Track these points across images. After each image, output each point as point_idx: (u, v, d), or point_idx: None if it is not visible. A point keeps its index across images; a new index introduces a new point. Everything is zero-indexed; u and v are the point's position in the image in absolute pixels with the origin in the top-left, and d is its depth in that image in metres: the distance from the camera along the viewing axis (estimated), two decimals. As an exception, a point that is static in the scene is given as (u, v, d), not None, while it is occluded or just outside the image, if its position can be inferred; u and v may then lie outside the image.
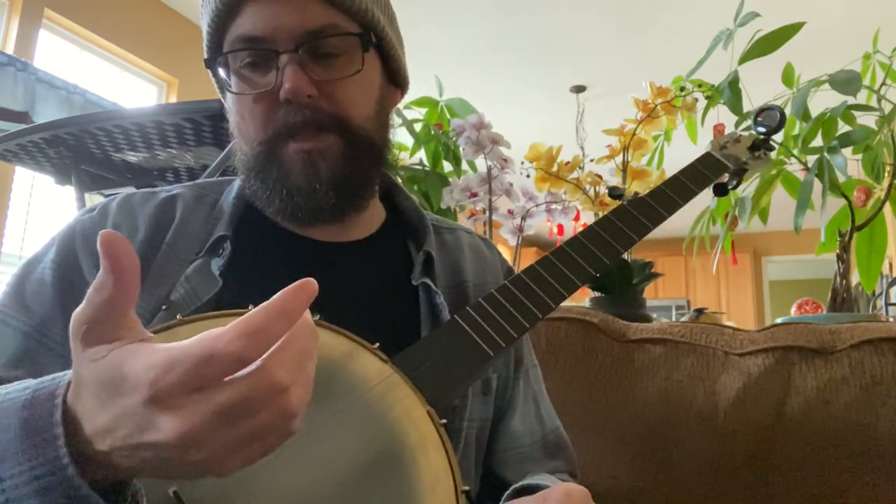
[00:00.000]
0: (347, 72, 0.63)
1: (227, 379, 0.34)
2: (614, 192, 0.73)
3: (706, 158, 0.80)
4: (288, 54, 0.61)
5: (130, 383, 0.34)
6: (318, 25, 0.62)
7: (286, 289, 0.35)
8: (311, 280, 0.36)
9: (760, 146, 0.84)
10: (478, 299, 0.60)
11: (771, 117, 0.84)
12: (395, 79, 0.72)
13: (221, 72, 0.65)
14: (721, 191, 0.83)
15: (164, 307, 0.60)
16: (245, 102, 0.64)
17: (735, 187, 0.84)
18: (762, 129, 0.84)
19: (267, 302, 0.34)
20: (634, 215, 0.69)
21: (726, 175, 0.82)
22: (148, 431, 0.34)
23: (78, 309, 0.37)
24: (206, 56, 0.67)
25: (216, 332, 0.33)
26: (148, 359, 0.34)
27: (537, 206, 1.52)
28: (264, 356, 0.34)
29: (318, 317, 0.49)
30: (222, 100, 0.70)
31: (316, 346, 0.37)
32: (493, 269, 0.77)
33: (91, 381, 0.36)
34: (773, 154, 0.87)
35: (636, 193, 0.71)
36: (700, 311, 1.70)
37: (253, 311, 0.34)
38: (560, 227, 1.67)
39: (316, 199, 0.63)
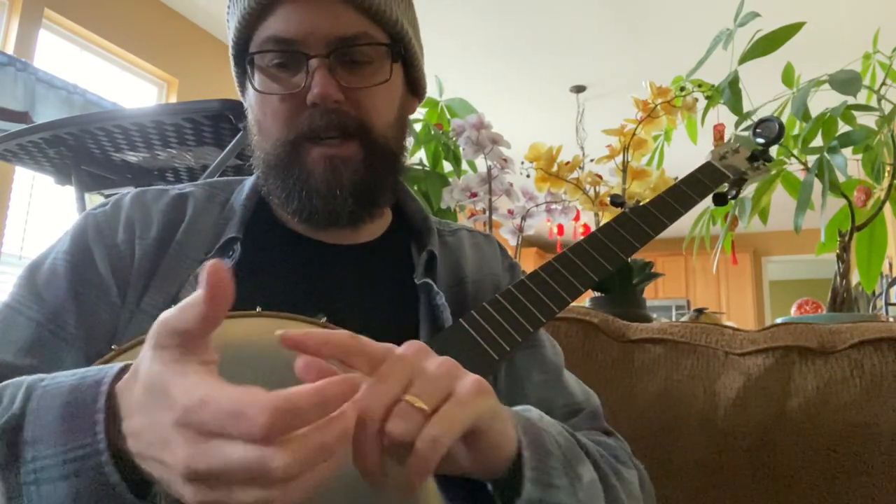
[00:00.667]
0: (375, 80, 0.64)
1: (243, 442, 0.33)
2: (616, 200, 0.74)
3: (706, 168, 0.81)
4: (319, 59, 0.61)
5: (170, 401, 0.35)
6: (351, 33, 0.62)
7: (334, 378, 0.35)
8: (357, 376, 0.36)
9: (759, 157, 0.84)
10: (482, 304, 0.60)
11: (769, 129, 0.85)
12: (415, 88, 0.73)
13: (247, 69, 0.66)
14: (721, 200, 0.84)
15: (173, 306, 0.61)
16: (270, 102, 0.64)
17: (735, 197, 0.85)
18: (761, 141, 0.85)
19: (314, 385, 0.34)
20: (636, 223, 0.70)
21: (726, 184, 0.83)
22: (166, 450, 0.35)
23: (166, 312, 0.38)
24: (232, 53, 0.67)
25: (255, 394, 0.33)
26: (193, 387, 0.35)
27: (537, 206, 1.52)
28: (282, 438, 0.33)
29: (323, 319, 0.49)
30: (241, 97, 0.71)
31: (339, 446, 0.35)
32: (491, 262, 0.77)
33: (144, 380, 0.37)
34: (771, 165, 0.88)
35: (637, 201, 0.72)
36: (700, 311, 1.70)
37: (298, 389, 0.33)
38: (560, 227, 1.67)
39: (335, 204, 0.64)
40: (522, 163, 1.52)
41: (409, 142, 1.58)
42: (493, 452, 0.44)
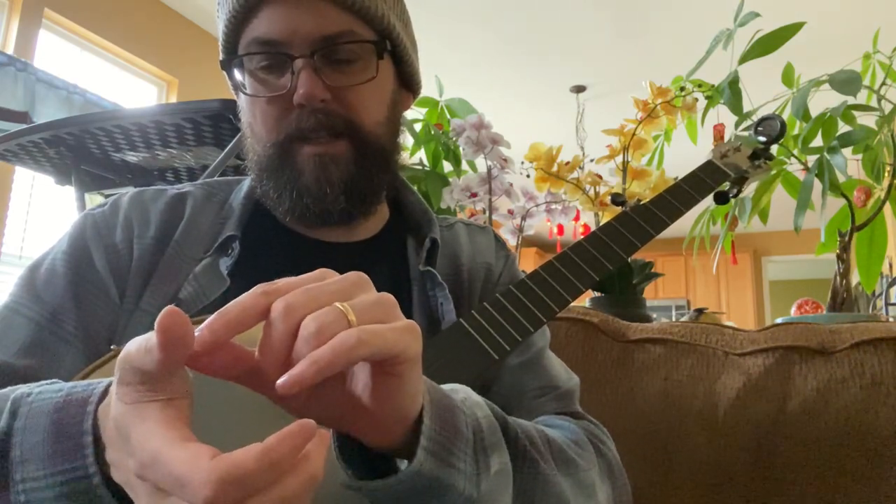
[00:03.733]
0: (361, 78, 0.64)
1: None
2: (617, 199, 0.74)
3: (708, 167, 0.80)
4: (303, 59, 0.61)
5: (130, 449, 0.34)
6: (335, 31, 0.62)
7: (282, 432, 0.31)
8: (310, 422, 0.32)
9: (761, 155, 0.84)
10: (483, 303, 0.60)
11: (771, 127, 0.84)
12: (408, 83, 0.73)
13: (236, 72, 0.66)
14: (722, 199, 0.83)
15: (172, 304, 0.61)
16: (259, 104, 0.64)
17: (736, 196, 0.85)
18: (762, 139, 0.84)
19: (262, 446, 0.31)
20: (637, 222, 0.70)
21: (727, 183, 0.82)
22: (133, 494, 0.35)
23: (130, 344, 0.35)
24: (221, 56, 0.67)
25: (201, 459, 0.30)
26: (147, 439, 0.33)
27: (537, 206, 1.52)
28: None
29: None
30: (236, 99, 0.71)
31: (304, 495, 0.32)
32: (485, 251, 0.77)
33: (113, 417, 0.36)
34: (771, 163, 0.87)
35: (638, 200, 0.72)
36: (700, 311, 1.70)
37: (244, 455, 0.30)
38: (560, 227, 1.67)
39: (325, 203, 0.64)
40: (522, 163, 1.52)
41: (409, 141, 1.59)
42: (398, 401, 0.39)
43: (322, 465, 0.32)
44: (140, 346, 0.34)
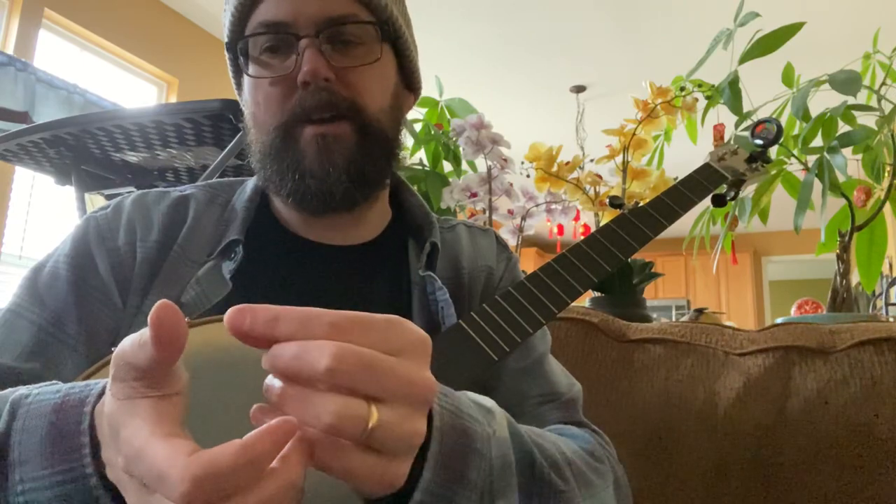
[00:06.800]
0: (365, 60, 0.65)
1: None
2: (615, 202, 0.74)
3: (705, 169, 0.81)
4: (308, 39, 0.62)
5: (119, 445, 0.34)
6: (340, 13, 0.63)
7: (262, 429, 0.31)
8: (290, 419, 0.32)
9: (758, 158, 0.85)
10: (482, 305, 0.60)
11: (768, 130, 0.85)
12: (410, 82, 0.73)
13: (240, 59, 0.66)
14: (720, 201, 0.83)
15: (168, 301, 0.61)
16: (262, 87, 0.65)
17: (733, 198, 0.85)
18: (759, 142, 0.85)
19: (241, 442, 0.31)
20: (635, 224, 0.70)
21: (724, 185, 0.83)
22: (124, 491, 0.36)
23: (125, 341, 0.35)
24: (227, 47, 0.68)
25: (178, 455, 0.30)
26: (134, 434, 0.33)
27: (537, 206, 1.52)
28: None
29: None
30: (237, 96, 0.71)
31: (287, 498, 0.32)
32: (486, 254, 0.77)
33: (106, 414, 0.36)
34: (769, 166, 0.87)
35: (636, 202, 0.72)
36: (700, 311, 1.70)
37: (222, 451, 0.30)
38: (560, 227, 1.67)
39: (328, 184, 0.63)
40: (522, 163, 1.52)
41: (409, 142, 1.59)
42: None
43: (302, 473, 0.32)
44: (134, 341, 0.34)
